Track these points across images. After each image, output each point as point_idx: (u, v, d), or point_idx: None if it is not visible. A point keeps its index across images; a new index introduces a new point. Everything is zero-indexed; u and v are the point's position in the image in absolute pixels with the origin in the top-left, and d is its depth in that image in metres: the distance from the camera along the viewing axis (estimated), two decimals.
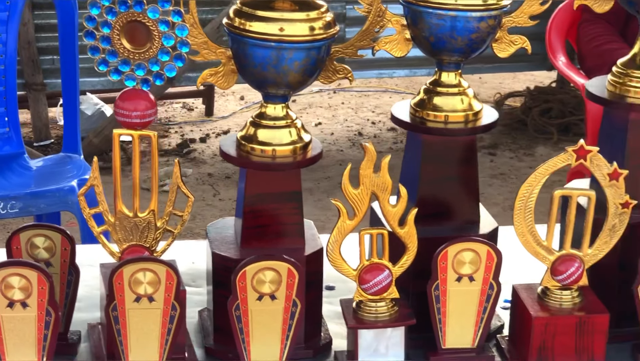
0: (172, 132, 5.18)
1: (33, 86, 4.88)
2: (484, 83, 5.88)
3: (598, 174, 1.55)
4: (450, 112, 1.63)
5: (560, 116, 5.17)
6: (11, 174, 3.14)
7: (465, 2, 1.55)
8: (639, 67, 1.66)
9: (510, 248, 1.60)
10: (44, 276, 1.42)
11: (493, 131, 5.21)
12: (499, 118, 1.69)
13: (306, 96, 5.68)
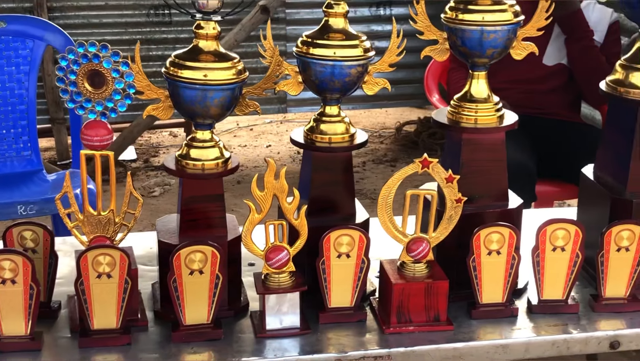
0: (160, 153, 5.13)
1: (56, 120, 4.83)
2: (389, 115, 5.88)
3: (438, 178, 1.55)
4: (333, 135, 1.62)
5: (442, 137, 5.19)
6: (32, 185, 3.12)
7: (341, 54, 1.54)
8: (469, 101, 1.66)
9: (380, 233, 1.58)
10: (27, 260, 1.42)
11: (394, 148, 5.20)
12: (399, 140, 1.68)
13: (260, 126, 5.67)
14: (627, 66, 1.66)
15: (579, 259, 1.58)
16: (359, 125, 5.80)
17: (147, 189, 4.49)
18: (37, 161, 3.25)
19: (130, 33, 4.77)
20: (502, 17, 1.58)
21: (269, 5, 4.51)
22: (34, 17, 3.46)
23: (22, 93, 3.22)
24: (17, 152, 3.26)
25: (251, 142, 5.40)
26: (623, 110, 1.67)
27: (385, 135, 5.51)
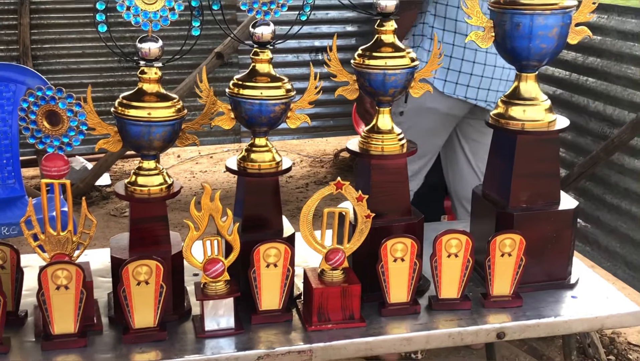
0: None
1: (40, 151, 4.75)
2: (329, 143, 5.87)
3: (350, 198, 1.54)
4: (262, 162, 1.60)
5: None
6: (15, 208, 3.06)
7: (266, 94, 1.53)
8: (376, 132, 1.65)
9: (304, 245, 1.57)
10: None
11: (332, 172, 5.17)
12: (337, 164, 1.67)
13: (219, 154, 5.62)
14: (507, 102, 1.68)
15: (469, 263, 1.59)
16: (304, 152, 5.79)
17: (120, 210, 4.43)
18: (19, 188, 3.19)
19: (105, 77, 4.70)
20: (401, 62, 1.59)
21: (223, 51, 4.50)
22: (16, 65, 3.42)
23: (6, 130, 3.18)
24: (2, 180, 3.20)
25: (211, 168, 5.35)
26: (504, 138, 1.68)
27: (325, 160, 5.51)
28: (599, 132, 3.02)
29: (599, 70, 3.01)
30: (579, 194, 3.15)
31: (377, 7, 1.59)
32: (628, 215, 2.90)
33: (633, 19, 2.83)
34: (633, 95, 2.84)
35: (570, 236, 1.70)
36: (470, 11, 1.62)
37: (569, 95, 3.20)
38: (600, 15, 2.99)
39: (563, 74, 3.23)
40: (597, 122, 3.04)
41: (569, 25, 1.60)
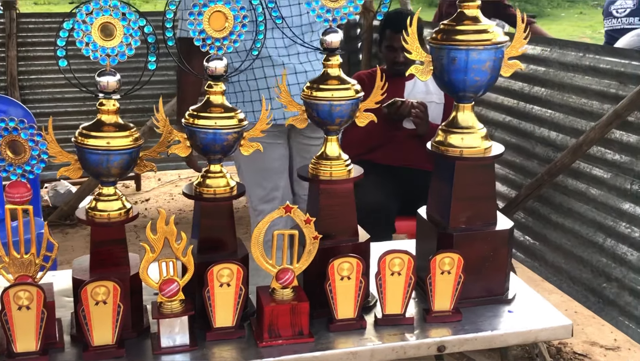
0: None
1: None
2: None
3: (298, 220, 1.54)
4: (217, 188, 1.59)
5: None
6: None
7: (220, 124, 1.53)
8: (325, 159, 1.65)
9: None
10: None
11: None
12: None
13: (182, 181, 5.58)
14: (446, 130, 1.69)
15: (412, 281, 1.59)
16: None
17: None
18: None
19: (88, 105, 4.69)
20: (346, 94, 1.59)
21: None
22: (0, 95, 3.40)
23: None
24: None
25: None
26: (444, 164, 1.69)
27: None
28: (544, 156, 3.05)
29: (543, 99, 3.05)
30: (527, 214, 3.17)
31: (324, 43, 1.60)
32: (571, 233, 2.92)
33: (572, 52, 2.87)
34: (574, 122, 2.87)
35: (507, 254, 1.71)
36: (410, 47, 1.64)
37: (517, 122, 3.23)
38: (544, 49, 3.03)
39: (511, 103, 3.26)
40: (542, 147, 3.07)
41: (502, 59, 1.62)
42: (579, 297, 2.87)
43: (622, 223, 2.66)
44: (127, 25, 1.45)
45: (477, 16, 1.61)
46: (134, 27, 1.45)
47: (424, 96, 3.19)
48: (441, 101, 3.19)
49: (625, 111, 2.55)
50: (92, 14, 1.44)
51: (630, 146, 2.60)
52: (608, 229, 2.72)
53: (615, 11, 5.27)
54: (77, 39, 1.43)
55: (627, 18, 5.14)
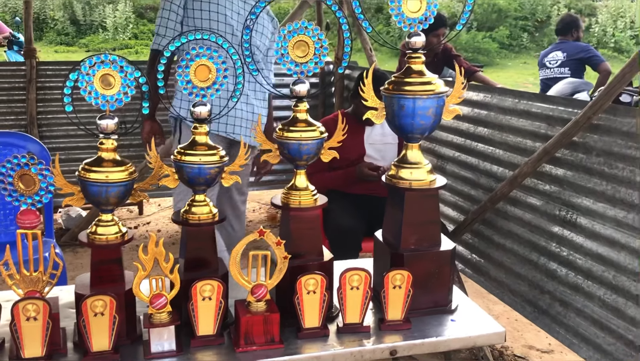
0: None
1: None
2: None
3: (270, 243, 1.55)
4: (201, 215, 1.61)
5: None
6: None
7: (204, 160, 1.55)
8: (294, 189, 1.68)
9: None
10: None
11: None
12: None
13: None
14: (397, 165, 1.73)
15: (368, 294, 1.61)
16: (262, 200, 5.79)
17: None
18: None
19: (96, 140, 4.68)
20: (312, 134, 1.63)
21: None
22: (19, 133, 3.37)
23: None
24: (5, 227, 3.14)
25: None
26: (396, 194, 1.72)
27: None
28: (488, 186, 3.09)
29: (486, 137, 3.10)
30: (473, 235, 3.20)
31: (293, 92, 1.64)
32: (511, 252, 2.95)
33: (510, 98, 2.93)
34: (511, 157, 2.92)
35: (449, 270, 1.73)
36: (366, 95, 1.68)
37: (465, 157, 3.28)
38: (486, 95, 3.09)
39: (460, 140, 3.31)
40: (486, 178, 3.11)
41: (443, 106, 1.66)
42: (517, 307, 2.90)
43: (552, 243, 2.70)
44: (124, 76, 1.47)
45: (422, 70, 1.65)
46: (130, 78, 1.48)
47: (381, 138, 3.23)
48: (395, 141, 3.23)
49: (553, 148, 2.61)
50: (94, 66, 1.46)
51: (558, 178, 2.65)
52: (541, 248, 2.76)
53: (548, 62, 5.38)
54: (82, 88, 1.46)
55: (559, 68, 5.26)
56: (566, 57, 5.30)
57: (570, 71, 5.23)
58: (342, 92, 4.99)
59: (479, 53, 15.67)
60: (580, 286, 2.56)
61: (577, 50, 5.29)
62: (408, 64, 1.66)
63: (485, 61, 15.32)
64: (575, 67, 5.24)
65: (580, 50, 5.29)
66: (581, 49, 5.31)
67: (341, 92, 4.98)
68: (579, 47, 5.32)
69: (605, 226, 2.43)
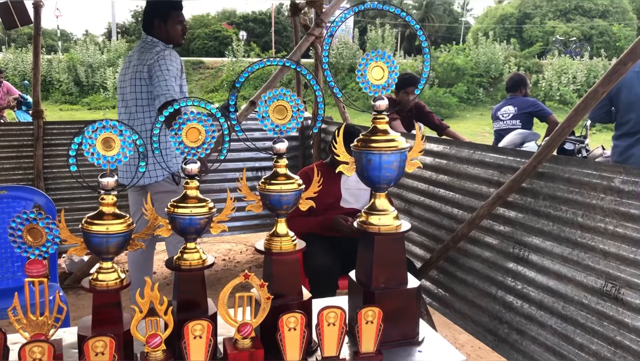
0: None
1: None
2: None
3: (255, 284, 1.56)
4: (192, 261, 1.62)
5: None
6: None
7: (194, 212, 1.57)
8: (276, 236, 1.70)
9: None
10: None
11: None
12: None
13: None
14: (367, 212, 1.76)
15: (344, 330, 1.61)
16: (249, 242, 5.77)
17: None
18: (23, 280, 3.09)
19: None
20: (291, 187, 1.66)
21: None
22: (27, 186, 3.37)
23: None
24: (13, 273, 3.11)
25: None
26: (367, 238, 1.75)
27: None
28: (450, 227, 3.14)
29: (446, 184, 3.16)
30: (439, 272, 3.23)
31: (274, 150, 1.68)
32: (472, 286, 2.98)
33: (466, 150, 3.01)
34: (469, 201, 2.98)
35: (416, 306, 1.75)
36: (338, 151, 1.72)
37: (429, 201, 3.33)
38: (445, 147, 3.17)
39: (424, 186, 3.37)
40: (448, 220, 3.16)
41: (405, 160, 1.71)
42: (480, 336, 2.91)
43: (508, 278, 2.74)
44: (123, 139, 1.51)
45: (387, 129, 1.71)
46: (129, 141, 1.51)
47: (356, 184, 3.28)
48: (369, 188, 3.27)
49: (505, 193, 2.67)
50: (96, 131, 1.50)
51: (511, 219, 2.70)
52: (499, 283, 2.79)
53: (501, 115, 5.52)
54: (85, 150, 1.48)
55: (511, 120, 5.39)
56: (517, 110, 5.45)
57: (521, 123, 5.37)
58: (319, 144, 5.06)
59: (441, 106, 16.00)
60: (534, 316, 2.59)
61: (526, 105, 5.43)
62: (374, 124, 1.72)
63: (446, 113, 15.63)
64: (525, 119, 5.38)
65: (530, 105, 5.44)
66: (530, 104, 5.45)
67: (318, 145, 5.06)
68: (528, 102, 5.47)
69: (553, 261, 2.48)
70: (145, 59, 3.24)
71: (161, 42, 3.31)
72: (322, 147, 4.98)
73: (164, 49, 3.24)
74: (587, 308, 2.34)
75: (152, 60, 3.19)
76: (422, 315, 2.56)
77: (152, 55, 3.22)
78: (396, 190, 3.65)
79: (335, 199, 3.26)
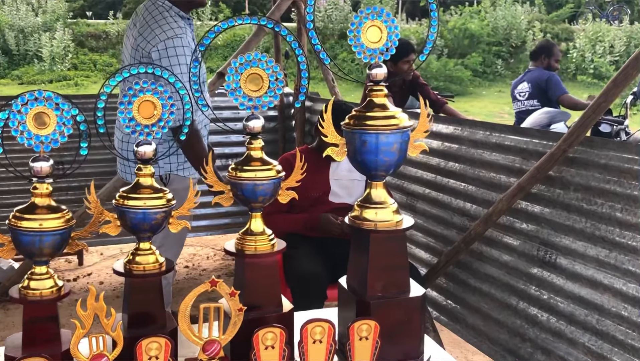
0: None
1: None
2: None
3: (223, 293, 1.55)
4: (146, 264, 1.61)
5: None
6: None
7: (149, 204, 1.56)
8: (249, 234, 1.69)
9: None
10: None
11: None
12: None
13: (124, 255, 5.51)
14: (361, 205, 1.75)
15: (332, 348, 1.61)
16: (217, 246, 5.77)
17: None
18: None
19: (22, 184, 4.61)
20: (268, 174, 1.65)
21: None
22: None
23: None
24: None
25: None
26: (361, 236, 1.75)
27: None
28: (461, 225, 3.15)
29: (457, 173, 3.17)
30: (448, 279, 3.25)
31: (247, 128, 1.67)
32: (488, 296, 3.00)
33: (481, 131, 3.02)
34: (484, 194, 3.00)
35: (419, 319, 1.75)
36: (326, 130, 1.71)
37: (436, 194, 3.35)
38: (456, 128, 3.18)
39: (430, 176, 3.38)
40: (459, 217, 3.18)
41: (407, 141, 1.71)
42: (498, 357, 2.93)
43: (532, 286, 2.76)
44: (60, 114, 1.48)
45: (385, 103, 1.70)
46: (67, 116, 1.48)
47: (347, 174, 3.28)
48: (363, 178, 3.26)
49: (528, 184, 2.68)
50: (27, 104, 1.47)
51: (535, 215, 2.72)
52: (520, 292, 2.81)
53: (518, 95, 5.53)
54: (13, 128, 1.46)
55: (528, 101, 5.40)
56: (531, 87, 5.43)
57: (540, 103, 5.32)
58: (304, 125, 5.05)
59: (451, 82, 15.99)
60: (562, 332, 2.61)
61: (539, 80, 5.37)
62: (369, 97, 1.71)
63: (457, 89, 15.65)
64: (544, 98, 5.34)
65: (544, 79, 5.37)
66: (543, 78, 5.38)
67: (302, 126, 5.05)
68: (543, 76, 5.38)
69: (586, 266, 2.49)
70: (148, 38, 2.87)
71: (175, 6, 2.90)
72: (307, 131, 4.98)
73: (176, 25, 2.86)
74: (627, 321, 2.36)
75: (156, 48, 2.83)
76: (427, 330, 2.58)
77: (156, 37, 2.85)
78: (396, 181, 3.66)
79: (322, 192, 3.26)
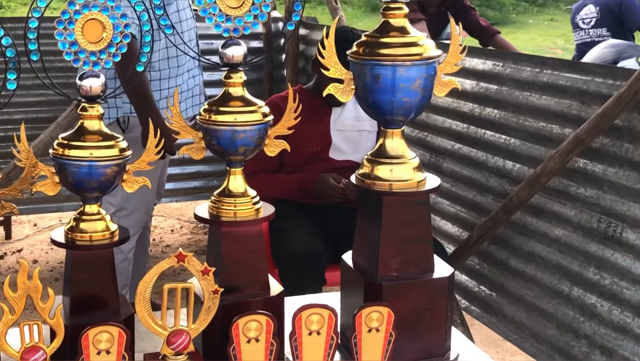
0: None
1: None
2: None
3: (194, 271, 1.56)
4: (93, 233, 1.61)
5: None
6: None
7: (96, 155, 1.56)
8: (227, 196, 1.69)
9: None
10: None
11: None
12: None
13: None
14: (372, 160, 1.74)
15: (334, 341, 1.62)
16: (185, 217, 5.79)
17: None
18: None
19: None
20: (252, 117, 1.64)
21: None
22: None
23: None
24: None
25: None
26: (371, 200, 1.75)
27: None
28: (500, 189, 3.15)
29: (496, 122, 3.16)
30: (481, 259, 3.26)
31: (224, 57, 1.65)
32: (534, 281, 3.01)
33: (528, 67, 3.00)
34: (531, 149, 2.99)
35: (446, 306, 1.76)
36: (327, 62, 1.70)
37: (468, 150, 3.34)
38: (496, 63, 3.16)
39: (461, 127, 3.37)
40: (496, 179, 3.18)
41: (434, 76, 1.69)
42: (543, 358, 2.95)
43: (590, 268, 2.76)
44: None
45: (405, 26, 1.68)
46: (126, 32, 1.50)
47: (354, 123, 3.26)
48: (374, 129, 3.25)
49: (589, 136, 2.67)
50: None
51: (597, 177, 2.71)
52: (574, 275, 2.82)
53: (581, 22, 5.49)
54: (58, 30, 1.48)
55: (594, 30, 5.36)
56: (599, 12, 5.38)
57: (610, 32, 5.30)
58: (297, 60, 5.02)
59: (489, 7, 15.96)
60: (628, 326, 2.62)
61: (610, 4, 5.32)
62: (384, 19, 1.69)
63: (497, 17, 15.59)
64: (616, 26, 5.31)
65: (614, 4, 5.32)
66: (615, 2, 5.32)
67: (295, 61, 5.02)
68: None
69: None
70: None
71: None
72: (301, 68, 4.95)
73: None
74: None
75: None
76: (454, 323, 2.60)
77: None
78: (417, 133, 3.65)
79: (320, 146, 3.25)
